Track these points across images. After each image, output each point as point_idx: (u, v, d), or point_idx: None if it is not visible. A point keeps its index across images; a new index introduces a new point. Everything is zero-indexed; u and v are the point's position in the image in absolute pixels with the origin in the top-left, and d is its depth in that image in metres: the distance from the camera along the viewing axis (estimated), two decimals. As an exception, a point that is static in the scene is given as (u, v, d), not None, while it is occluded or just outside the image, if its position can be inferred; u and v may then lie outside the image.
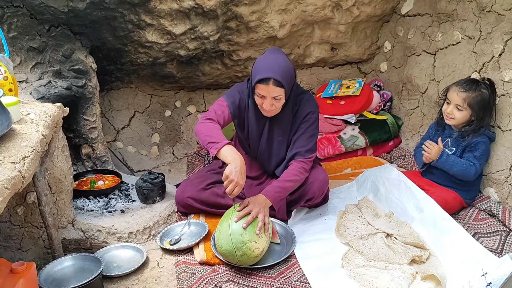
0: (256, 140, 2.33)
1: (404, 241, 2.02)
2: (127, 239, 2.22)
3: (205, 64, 3.09)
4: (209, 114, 2.14)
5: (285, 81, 2.02)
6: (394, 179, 2.35)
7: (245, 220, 1.93)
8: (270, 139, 2.29)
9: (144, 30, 2.60)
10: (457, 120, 2.25)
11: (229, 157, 1.93)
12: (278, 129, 2.26)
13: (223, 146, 1.95)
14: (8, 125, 1.42)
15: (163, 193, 2.48)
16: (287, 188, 2.16)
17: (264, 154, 2.36)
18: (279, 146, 2.30)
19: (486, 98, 2.20)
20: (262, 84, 2.02)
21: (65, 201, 2.18)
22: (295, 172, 2.18)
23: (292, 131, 2.26)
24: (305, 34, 3.15)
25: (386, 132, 3.05)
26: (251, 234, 1.90)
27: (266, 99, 2.06)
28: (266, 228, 1.96)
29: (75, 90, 2.50)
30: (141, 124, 3.29)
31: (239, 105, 2.24)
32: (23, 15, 2.32)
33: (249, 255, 1.89)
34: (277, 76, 1.99)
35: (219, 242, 1.95)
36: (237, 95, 2.23)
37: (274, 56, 2.08)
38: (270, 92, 2.03)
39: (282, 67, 2.03)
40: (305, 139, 2.22)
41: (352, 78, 3.43)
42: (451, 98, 2.25)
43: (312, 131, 2.23)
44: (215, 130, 2.03)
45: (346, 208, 2.38)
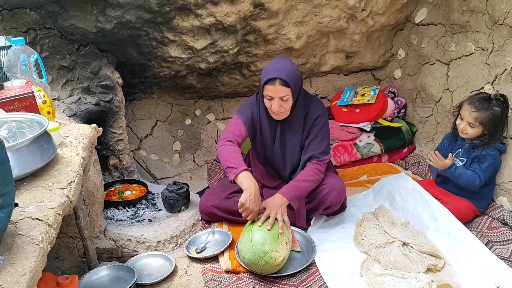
0: (270, 145, 2.46)
1: (420, 250, 2.12)
2: (155, 247, 2.35)
3: (224, 75, 3.20)
4: (228, 136, 2.30)
5: (291, 81, 2.15)
6: (410, 189, 2.45)
7: (267, 223, 2.07)
8: (283, 142, 2.41)
9: (167, 46, 2.71)
10: (470, 135, 2.34)
11: (244, 184, 2.12)
12: (290, 132, 2.38)
13: (241, 172, 2.13)
14: (54, 152, 1.54)
15: (187, 202, 2.60)
16: (302, 187, 2.26)
17: (279, 158, 2.47)
18: (292, 149, 2.42)
19: (498, 115, 2.27)
20: (269, 84, 2.16)
21: (97, 212, 2.31)
22: (310, 173, 2.29)
23: (304, 134, 2.38)
24: (321, 44, 3.24)
25: (401, 139, 3.13)
26: (271, 243, 2.01)
27: (274, 100, 2.19)
28: (288, 225, 2.10)
29: (103, 105, 2.63)
30: (162, 133, 3.41)
31: (252, 119, 2.39)
32: (54, 36, 2.45)
33: (272, 264, 2.00)
34: (283, 75, 2.13)
35: (243, 253, 2.07)
36: (248, 110, 2.39)
37: (280, 61, 2.23)
38: (278, 92, 2.16)
39: (288, 69, 2.17)
40: (317, 143, 2.33)
41: (367, 85, 3.51)
42: (464, 116, 2.33)
43: (323, 134, 2.35)
44: (234, 154, 2.21)
45: (363, 216, 2.47)
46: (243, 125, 2.34)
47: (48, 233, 1.20)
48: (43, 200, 1.34)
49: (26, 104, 1.75)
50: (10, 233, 1.14)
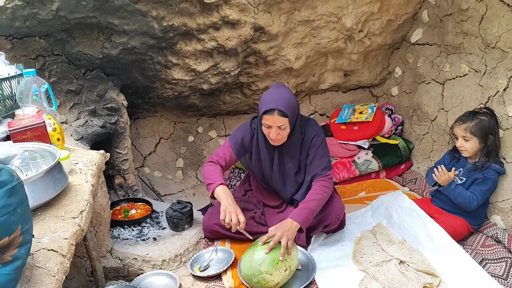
0: (269, 169, 2.52)
1: (416, 268, 2.19)
2: (160, 266, 2.42)
3: (226, 94, 3.30)
4: (212, 157, 2.47)
5: (288, 111, 2.22)
6: (406, 207, 2.52)
7: (268, 245, 2.11)
8: (282, 166, 2.49)
9: (170, 69, 2.81)
10: (469, 151, 2.42)
11: (220, 195, 2.30)
12: (287, 157, 2.45)
13: (217, 186, 2.31)
14: (66, 181, 1.63)
15: (191, 220, 2.68)
16: (311, 207, 2.29)
17: (278, 181, 2.54)
18: (291, 173, 2.48)
19: (486, 122, 2.38)
20: (268, 114, 2.23)
21: (104, 232, 2.39)
22: (317, 191, 2.33)
23: (301, 157, 2.45)
24: (319, 64, 3.33)
25: (398, 156, 3.21)
26: (268, 266, 2.07)
27: (272, 129, 2.27)
28: (289, 252, 2.13)
29: (109, 127, 2.71)
30: (166, 150, 3.50)
31: (242, 142, 2.48)
32: (62, 62, 2.55)
33: (263, 285, 2.08)
34: (281, 106, 2.20)
35: (241, 264, 2.17)
36: (240, 134, 2.48)
37: (278, 90, 2.29)
38: (276, 121, 2.23)
39: (286, 99, 2.23)
40: (318, 160, 2.40)
41: (365, 102, 3.60)
42: (457, 133, 2.46)
43: (322, 151, 2.42)
44: (214, 172, 2.38)
45: (362, 234, 2.55)
46: (229, 148, 2.46)
47: (62, 263, 1.29)
48: (56, 230, 1.42)
49: (38, 133, 1.83)
50: (28, 265, 1.22)
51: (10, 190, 1.07)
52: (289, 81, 3.34)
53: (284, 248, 2.10)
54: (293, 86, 3.39)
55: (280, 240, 2.12)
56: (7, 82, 2.09)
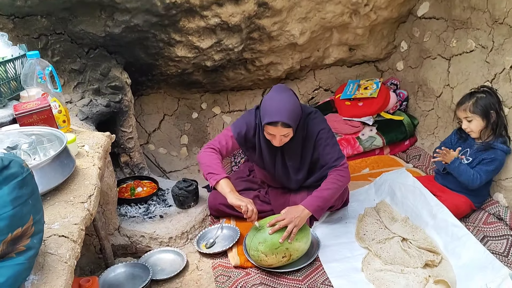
0: (271, 167, 2.47)
1: (419, 245, 2.23)
2: (167, 243, 2.48)
3: (229, 71, 3.27)
4: (213, 144, 2.33)
5: (292, 121, 2.14)
6: (410, 185, 2.55)
7: (274, 227, 2.14)
8: (284, 164, 2.44)
9: (173, 46, 2.78)
10: (475, 131, 2.42)
11: (225, 189, 2.17)
12: (288, 155, 2.39)
13: (221, 179, 2.18)
14: (73, 166, 1.65)
15: (197, 198, 2.72)
16: (325, 197, 2.24)
17: (282, 177, 2.50)
18: (293, 170, 2.44)
19: (485, 99, 2.38)
20: (271, 126, 2.14)
21: (111, 210, 2.43)
22: (332, 181, 2.26)
23: (304, 155, 2.38)
24: (324, 38, 3.29)
25: (402, 132, 3.21)
26: (267, 248, 2.11)
27: (276, 137, 2.19)
28: (292, 237, 2.12)
29: (113, 106, 2.72)
30: (170, 127, 3.51)
31: (246, 136, 2.36)
32: (65, 41, 2.53)
33: (256, 260, 2.18)
34: (285, 119, 2.10)
35: (247, 235, 2.27)
36: (244, 126, 2.36)
37: (281, 97, 2.16)
38: (279, 132, 2.16)
39: (289, 109, 2.12)
40: (328, 151, 2.32)
41: (370, 77, 3.57)
42: (459, 116, 2.47)
43: (331, 142, 2.33)
44: (215, 161, 2.25)
45: (365, 211, 2.58)
46: (231, 138, 2.34)
47: (73, 249, 1.32)
48: (66, 216, 1.44)
49: (44, 117, 1.84)
50: (41, 252, 1.25)
51: (21, 182, 1.08)
52: (293, 56, 3.30)
53: (288, 233, 2.10)
54: (297, 61, 3.36)
55: (287, 225, 2.12)
56: (11, 64, 2.08)
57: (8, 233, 1.04)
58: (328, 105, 3.50)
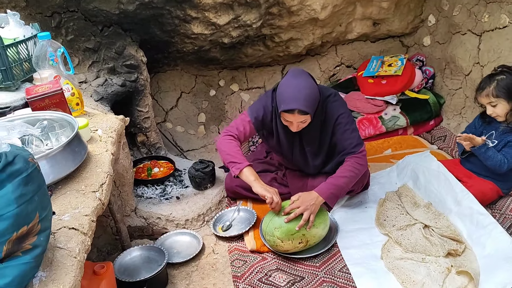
0: (288, 152, 2.41)
1: (441, 233, 2.15)
2: (184, 225, 2.46)
3: (248, 47, 3.17)
4: (231, 130, 2.27)
5: (310, 108, 2.05)
6: (434, 170, 2.44)
7: (289, 216, 2.09)
8: (302, 149, 2.37)
9: (189, 23, 2.69)
10: (501, 115, 2.27)
11: (250, 178, 2.14)
12: (306, 140, 2.32)
13: (245, 167, 2.15)
14: (85, 153, 1.61)
15: (213, 180, 2.68)
16: (340, 184, 2.19)
17: (300, 162, 2.44)
18: (311, 155, 2.37)
19: (506, 80, 2.22)
20: (288, 113, 2.07)
21: (128, 192, 2.42)
22: (349, 168, 2.21)
23: (322, 139, 2.30)
24: (347, 13, 3.14)
25: (428, 112, 3.08)
26: (283, 234, 2.07)
27: (293, 123, 2.12)
28: (310, 225, 2.09)
29: (129, 85, 2.66)
30: (187, 104, 3.45)
31: (263, 120, 2.29)
32: (78, 19, 2.46)
33: (272, 245, 2.15)
34: (302, 106, 2.02)
35: (263, 219, 2.22)
36: (261, 110, 2.28)
37: (297, 83, 2.07)
38: (296, 119, 2.08)
39: (306, 95, 2.04)
40: (347, 137, 2.24)
41: (394, 53, 3.42)
42: (481, 102, 2.32)
43: (350, 127, 2.25)
44: (235, 149, 2.21)
45: (386, 196, 2.50)
46: (249, 124, 2.28)
47: (84, 242, 1.29)
48: (77, 206, 1.42)
49: (56, 101, 1.80)
50: (50, 246, 1.22)
51: (26, 178, 1.04)
52: (314, 32, 3.17)
53: (305, 221, 2.06)
54: (318, 37, 3.23)
55: (303, 213, 2.08)
56: (23, 45, 2.03)
57: (13, 232, 1.01)
58: (350, 82, 3.38)
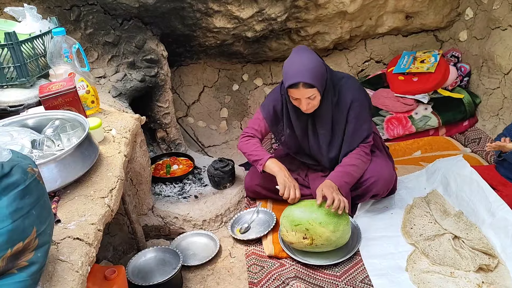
0: (303, 137, 2.36)
1: (472, 246, 2.01)
2: (201, 226, 2.40)
3: (272, 41, 3.07)
4: (247, 131, 2.35)
5: (315, 80, 2.02)
6: (467, 176, 2.28)
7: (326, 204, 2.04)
8: (315, 133, 2.31)
9: (211, 17, 2.60)
10: None
11: (274, 169, 2.21)
12: (319, 123, 2.26)
13: (266, 160, 2.22)
14: (95, 156, 1.55)
15: (233, 179, 2.60)
16: (350, 172, 2.18)
17: (314, 148, 2.37)
18: (325, 139, 2.31)
19: None
20: (293, 88, 2.04)
21: (145, 190, 2.37)
22: (356, 157, 2.21)
23: (335, 122, 2.24)
24: (378, 5, 2.98)
25: (462, 112, 2.90)
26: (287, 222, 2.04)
27: (301, 101, 2.08)
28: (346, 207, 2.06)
29: (148, 80, 2.60)
30: (210, 99, 3.37)
31: (275, 112, 2.31)
32: (97, 12, 2.41)
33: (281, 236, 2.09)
34: (306, 78, 2.00)
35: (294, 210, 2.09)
36: (271, 104, 2.30)
37: (300, 58, 2.06)
38: (303, 94, 2.05)
39: (310, 68, 2.02)
40: (358, 129, 2.21)
41: (427, 49, 3.23)
42: None
43: (363, 117, 2.21)
44: (255, 147, 2.28)
45: (414, 202, 2.36)
46: (263, 120, 2.32)
47: (88, 254, 1.23)
48: (84, 214, 1.36)
49: (69, 99, 1.75)
50: (52, 257, 1.17)
51: (22, 191, 0.98)
52: (342, 26, 3.03)
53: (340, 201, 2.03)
54: (346, 31, 3.09)
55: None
56: (39, 40, 1.99)
57: (7, 249, 0.95)
58: (379, 79, 3.22)
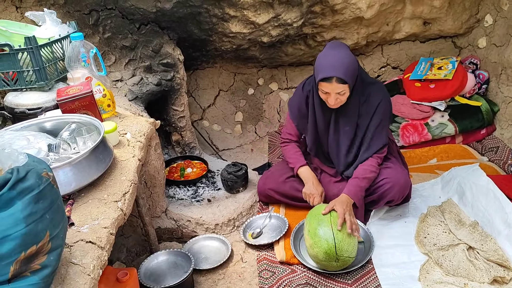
0: (324, 133, 2.36)
1: (487, 257, 1.98)
2: (213, 230, 2.41)
3: (288, 46, 3.06)
4: (284, 136, 2.50)
5: (348, 77, 2.02)
6: (483, 186, 2.25)
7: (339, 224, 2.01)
8: (337, 130, 2.31)
9: (228, 22, 2.61)
10: None
11: (303, 177, 2.36)
12: (343, 120, 2.26)
13: (299, 168, 2.38)
14: (110, 160, 1.57)
15: (246, 183, 2.61)
16: (363, 186, 2.22)
17: (333, 146, 2.37)
18: (345, 136, 2.30)
19: None
20: (325, 82, 2.04)
21: (159, 193, 2.39)
22: (371, 169, 2.23)
23: (360, 121, 2.25)
24: (395, 11, 2.95)
25: (479, 120, 2.85)
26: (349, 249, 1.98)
27: (331, 95, 2.08)
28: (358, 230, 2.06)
29: (164, 84, 2.63)
30: (225, 103, 3.39)
31: (300, 112, 2.36)
32: (115, 17, 2.44)
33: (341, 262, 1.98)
34: (340, 74, 1.99)
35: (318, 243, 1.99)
36: (296, 104, 2.36)
37: (335, 52, 2.06)
38: (334, 89, 2.05)
39: (344, 64, 2.02)
40: (378, 135, 2.23)
41: (445, 55, 3.19)
42: None
43: (384, 125, 2.24)
44: (291, 153, 2.44)
45: (428, 210, 2.34)
46: (293, 123, 2.42)
47: (100, 257, 1.25)
48: (97, 217, 1.38)
49: (86, 103, 1.78)
50: (65, 260, 1.19)
51: (37, 196, 1.00)
52: (359, 31, 3.01)
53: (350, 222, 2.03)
54: (363, 37, 3.07)
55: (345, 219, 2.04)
56: (58, 44, 2.03)
57: (21, 252, 0.97)
58: (395, 85, 3.18)
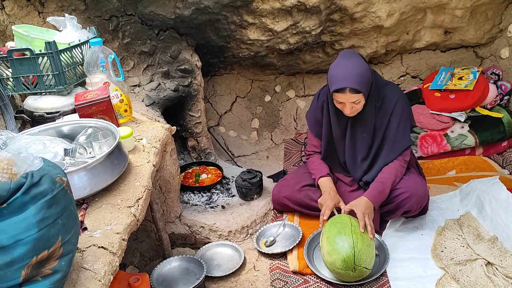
0: (340, 141, 2.34)
1: (507, 274, 1.92)
2: (226, 237, 2.40)
3: (306, 54, 3.05)
4: (308, 149, 2.50)
5: (361, 86, 2.00)
6: (503, 200, 2.19)
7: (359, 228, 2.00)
8: (354, 137, 2.29)
9: (246, 29, 2.62)
10: None
11: (322, 188, 2.30)
12: (360, 126, 2.23)
13: (319, 179, 2.32)
14: (124, 166, 1.58)
15: (260, 191, 2.60)
16: (385, 190, 2.17)
17: (349, 153, 2.35)
18: (362, 143, 2.28)
19: None
20: (339, 93, 2.03)
21: (173, 199, 2.39)
22: (394, 172, 2.19)
23: (377, 128, 2.22)
24: (415, 20, 2.92)
25: (500, 132, 2.78)
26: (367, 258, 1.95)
27: (346, 105, 2.07)
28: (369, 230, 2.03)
29: (182, 90, 2.64)
30: (242, 109, 3.39)
31: (317, 123, 2.37)
32: (135, 23, 2.47)
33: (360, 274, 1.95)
34: (353, 84, 1.98)
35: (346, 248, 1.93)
36: (313, 116, 2.38)
37: (348, 62, 2.04)
38: (348, 99, 2.04)
39: (357, 74, 2.00)
40: (400, 136, 2.19)
41: (466, 65, 3.13)
42: None
43: (404, 122, 2.19)
44: (314, 165, 2.41)
45: (446, 223, 2.29)
46: (313, 135, 2.43)
47: (111, 263, 1.25)
48: (110, 223, 1.39)
49: (103, 108, 1.80)
50: (76, 265, 1.20)
51: (50, 201, 1.01)
52: (378, 40, 2.98)
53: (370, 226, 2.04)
54: (382, 45, 3.04)
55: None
56: (77, 49, 2.06)
57: (32, 256, 0.98)
58: (415, 94, 3.14)
